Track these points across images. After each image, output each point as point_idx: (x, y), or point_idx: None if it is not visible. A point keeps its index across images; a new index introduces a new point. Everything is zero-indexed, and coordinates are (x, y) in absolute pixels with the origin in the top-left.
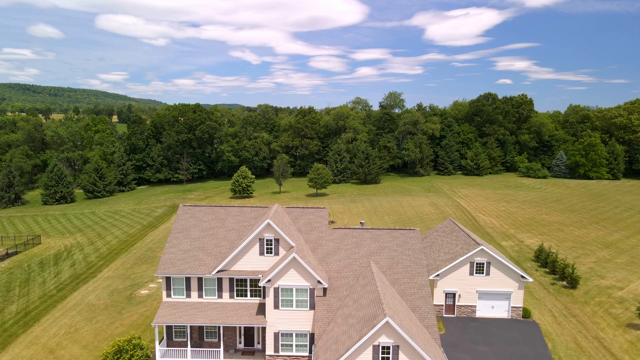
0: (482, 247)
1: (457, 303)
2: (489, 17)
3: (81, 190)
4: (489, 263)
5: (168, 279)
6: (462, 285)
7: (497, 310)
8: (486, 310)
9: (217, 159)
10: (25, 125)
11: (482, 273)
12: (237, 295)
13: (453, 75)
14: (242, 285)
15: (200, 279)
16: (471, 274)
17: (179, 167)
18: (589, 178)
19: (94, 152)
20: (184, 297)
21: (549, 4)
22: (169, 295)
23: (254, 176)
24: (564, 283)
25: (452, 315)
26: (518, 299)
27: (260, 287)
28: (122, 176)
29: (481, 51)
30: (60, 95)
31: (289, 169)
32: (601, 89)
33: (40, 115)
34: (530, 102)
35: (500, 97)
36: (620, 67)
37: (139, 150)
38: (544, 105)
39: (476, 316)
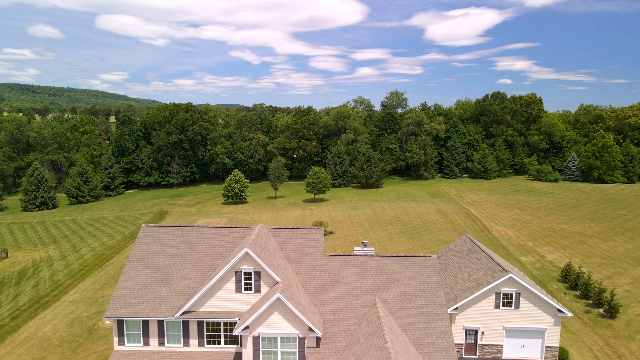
0: (510, 274)
1: (479, 341)
2: (488, 17)
3: (65, 196)
4: (518, 294)
5: (120, 323)
6: (485, 320)
7: (527, 350)
8: (515, 350)
9: (211, 161)
10: (7, 126)
11: (511, 306)
12: (208, 343)
13: (453, 75)
14: (214, 330)
15: (161, 323)
16: (497, 307)
17: (169, 170)
18: (603, 182)
19: (80, 154)
20: (141, 344)
21: (548, 4)
22: (121, 343)
23: (247, 180)
24: (601, 311)
25: (474, 357)
26: (554, 337)
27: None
28: (109, 180)
29: (481, 51)
30: (60, 95)
31: (285, 172)
32: (602, 88)
33: (37, 115)
34: (540, 102)
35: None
36: (620, 67)
37: (128, 152)
38: (544, 105)
39: (502, 357)
